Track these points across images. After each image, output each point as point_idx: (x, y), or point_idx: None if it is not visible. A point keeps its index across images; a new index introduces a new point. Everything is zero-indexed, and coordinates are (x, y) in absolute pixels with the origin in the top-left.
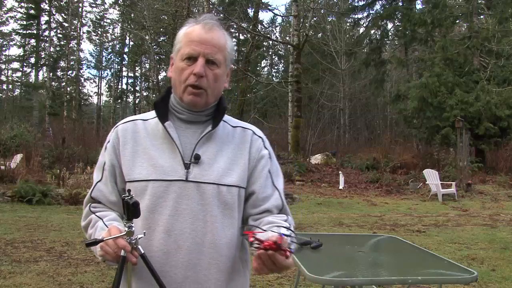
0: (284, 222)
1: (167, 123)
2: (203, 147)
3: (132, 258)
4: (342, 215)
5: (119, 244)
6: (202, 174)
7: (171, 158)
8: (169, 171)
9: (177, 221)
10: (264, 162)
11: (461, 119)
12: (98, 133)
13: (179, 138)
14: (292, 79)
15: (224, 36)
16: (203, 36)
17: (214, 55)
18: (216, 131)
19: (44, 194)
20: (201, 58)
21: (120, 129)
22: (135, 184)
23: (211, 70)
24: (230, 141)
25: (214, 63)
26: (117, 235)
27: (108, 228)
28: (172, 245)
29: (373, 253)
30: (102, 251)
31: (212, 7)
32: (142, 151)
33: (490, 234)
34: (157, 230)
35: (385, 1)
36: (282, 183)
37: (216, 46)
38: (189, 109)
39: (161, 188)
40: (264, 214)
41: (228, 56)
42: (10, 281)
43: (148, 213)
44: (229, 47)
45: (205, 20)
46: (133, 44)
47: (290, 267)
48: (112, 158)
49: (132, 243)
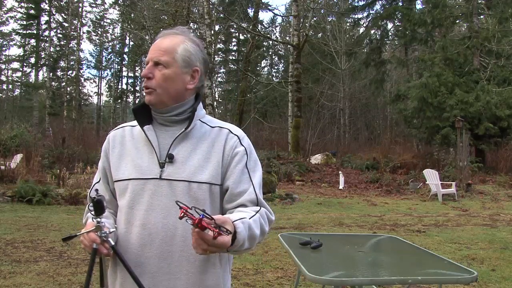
0: (250, 213)
1: (146, 126)
2: (178, 147)
3: (103, 250)
4: (342, 215)
5: (90, 238)
6: (175, 172)
7: (149, 159)
8: (146, 171)
9: (151, 215)
10: (238, 158)
11: (461, 119)
12: (98, 133)
13: (158, 140)
14: (292, 79)
15: (180, 40)
16: (156, 44)
17: (160, 57)
18: (191, 131)
19: (44, 194)
20: (150, 62)
21: (111, 135)
22: (119, 183)
23: (159, 71)
24: (205, 140)
25: (160, 64)
26: (88, 230)
27: (86, 223)
28: (147, 238)
29: (373, 253)
30: (82, 244)
31: (212, 7)
32: (126, 154)
33: (490, 234)
34: (135, 224)
35: (385, 1)
36: (259, 178)
37: (162, 49)
38: (155, 111)
39: (139, 186)
40: (238, 208)
41: (179, 57)
42: (10, 281)
43: (128, 208)
44: (181, 49)
45: (164, 31)
46: (133, 44)
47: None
48: (104, 162)
49: (102, 236)
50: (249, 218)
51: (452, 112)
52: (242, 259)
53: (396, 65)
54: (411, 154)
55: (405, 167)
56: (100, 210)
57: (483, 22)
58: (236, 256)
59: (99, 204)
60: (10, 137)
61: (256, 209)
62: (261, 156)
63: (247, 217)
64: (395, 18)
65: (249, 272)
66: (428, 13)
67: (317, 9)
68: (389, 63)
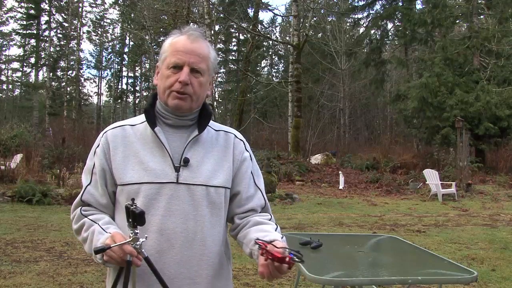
0: (272, 223)
1: (156, 128)
2: (191, 151)
3: (137, 262)
4: (342, 215)
5: (126, 250)
6: (192, 176)
7: (161, 162)
8: (160, 174)
9: (169, 220)
10: (247, 164)
11: (461, 119)
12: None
13: (168, 143)
14: (292, 79)
15: (208, 46)
16: (188, 46)
17: (198, 64)
18: (202, 135)
19: (44, 194)
20: (186, 67)
21: (109, 134)
22: (128, 187)
23: (196, 78)
24: (215, 145)
25: (198, 72)
26: (123, 241)
27: (112, 234)
28: (165, 244)
29: (373, 253)
30: (107, 256)
31: (212, 7)
32: (133, 156)
33: (490, 234)
34: (151, 230)
35: (385, 1)
36: (263, 183)
37: (200, 56)
38: (174, 113)
39: (153, 190)
40: (248, 213)
41: (211, 66)
42: (10, 281)
43: None
44: (212, 57)
45: (190, 32)
46: (133, 44)
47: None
48: (103, 163)
49: (137, 248)
50: (280, 233)
51: (452, 112)
52: (242, 259)
53: (396, 65)
54: (411, 154)
55: (405, 167)
56: (140, 223)
57: (483, 22)
58: (236, 256)
59: (142, 217)
60: (10, 137)
61: (268, 217)
62: (261, 156)
63: (278, 231)
64: (395, 18)
65: (249, 272)
66: (428, 13)
67: (317, 9)
68: (389, 63)
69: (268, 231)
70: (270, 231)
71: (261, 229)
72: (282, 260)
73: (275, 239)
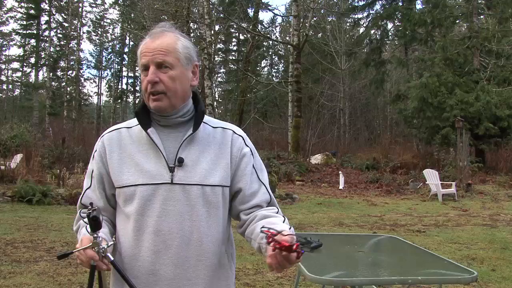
0: (279, 216)
1: (149, 129)
2: (186, 150)
3: (102, 266)
4: (342, 215)
5: (87, 255)
6: (187, 176)
7: (156, 163)
8: (155, 175)
9: (165, 221)
10: (246, 160)
11: (461, 119)
12: (98, 133)
13: (163, 143)
14: (292, 79)
15: (174, 37)
16: (151, 45)
17: (164, 57)
18: (197, 134)
19: (44, 194)
20: (151, 65)
21: (106, 138)
22: (124, 189)
23: (165, 74)
24: (212, 142)
25: (167, 66)
26: (83, 246)
27: (81, 238)
28: (161, 245)
29: (373, 253)
30: (79, 259)
31: (212, 7)
32: (128, 158)
33: (490, 234)
34: (147, 231)
35: (385, 1)
36: (267, 177)
37: (164, 50)
38: (160, 114)
39: (148, 192)
40: (254, 208)
41: (182, 55)
42: (10, 281)
43: (138, 215)
44: (180, 46)
45: (153, 30)
46: (133, 44)
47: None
48: (100, 167)
49: (100, 252)
50: (288, 224)
51: (452, 112)
52: (242, 259)
53: (396, 65)
54: (411, 154)
55: (405, 167)
56: (96, 227)
57: (483, 22)
58: (236, 256)
59: (96, 221)
60: (10, 137)
61: (275, 210)
62: (261, 156)
63: (286, 222)
64: (395, 18)
65: (249, 272)
66: (428, 13)
67: (317, 9)
68: (389, 63)
69: (275, 223)
70: (277, 223)
71: (268, 222)
72: (289, 248)
73: (283, 229)
